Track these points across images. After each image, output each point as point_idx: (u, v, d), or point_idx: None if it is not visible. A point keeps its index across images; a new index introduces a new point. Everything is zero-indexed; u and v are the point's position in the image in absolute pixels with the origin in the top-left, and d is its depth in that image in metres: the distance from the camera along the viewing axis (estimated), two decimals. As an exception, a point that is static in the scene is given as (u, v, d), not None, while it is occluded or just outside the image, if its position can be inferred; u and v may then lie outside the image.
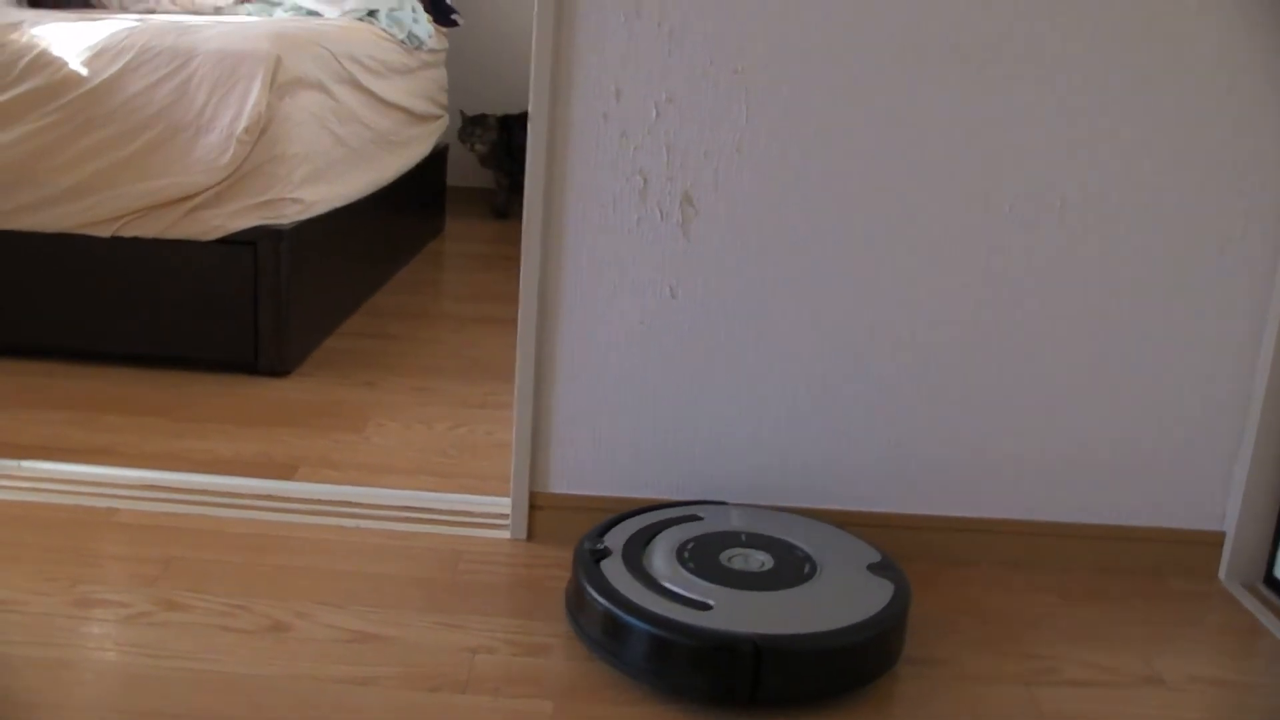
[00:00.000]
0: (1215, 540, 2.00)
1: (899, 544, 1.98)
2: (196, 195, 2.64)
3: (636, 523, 1.85)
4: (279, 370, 2.75)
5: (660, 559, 1.74)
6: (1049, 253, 1.86)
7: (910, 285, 1.88)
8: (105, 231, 2.69)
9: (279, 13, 3.48)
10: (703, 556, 1.74)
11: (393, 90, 3.39)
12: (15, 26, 2.70)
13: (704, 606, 1.61)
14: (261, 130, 2.60)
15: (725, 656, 1.54)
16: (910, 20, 1.76)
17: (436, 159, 4.11)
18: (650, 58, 1.79)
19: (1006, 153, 1.82)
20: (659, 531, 1.82)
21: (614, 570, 1.70)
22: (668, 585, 1.66)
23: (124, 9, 3.58)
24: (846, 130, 1.81)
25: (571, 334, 1.91)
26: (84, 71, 2.63)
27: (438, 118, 4.02)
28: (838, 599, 1.67)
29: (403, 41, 3.53)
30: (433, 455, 2.34)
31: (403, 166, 3.54)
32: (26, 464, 2.21)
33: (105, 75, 2.63)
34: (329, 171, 2.89)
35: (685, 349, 1.92)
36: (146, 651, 1.64)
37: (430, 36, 3.76)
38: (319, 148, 2.82)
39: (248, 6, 3.51)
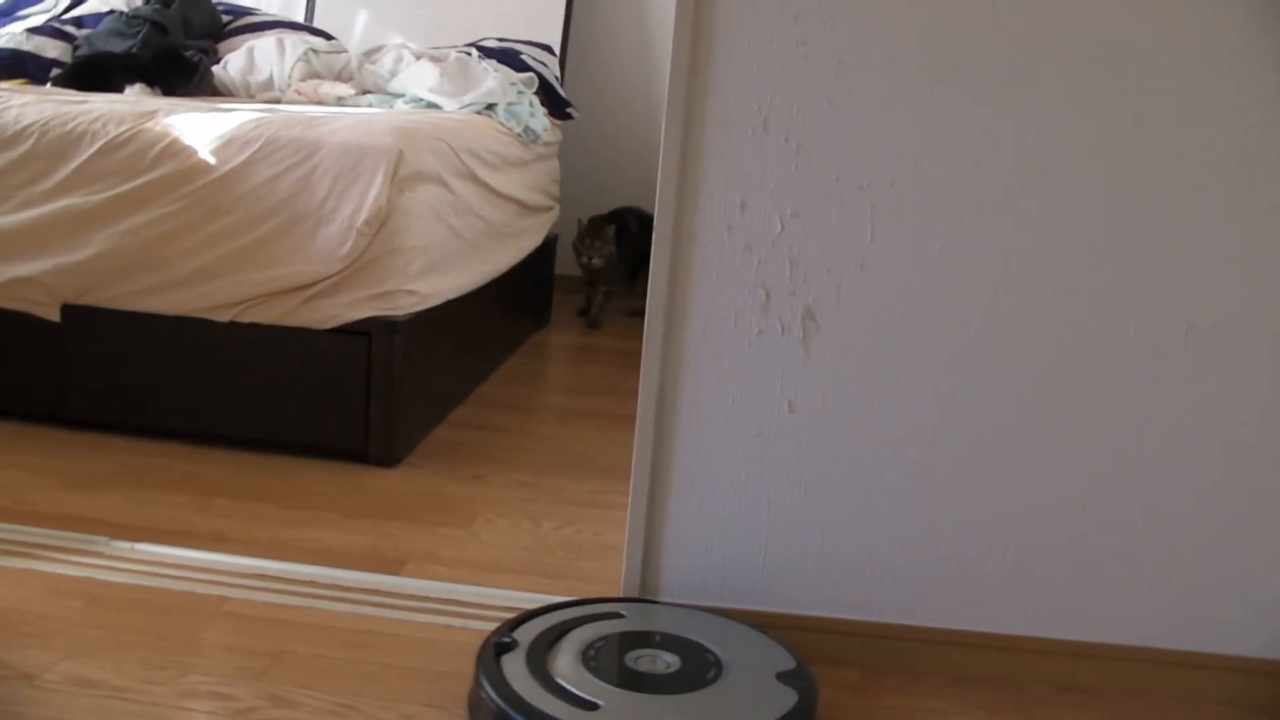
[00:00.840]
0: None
1: (1009, 666, 1.95)
2: (315, 284, 2.68)
3: (555, 618, 1.86)
4: (388, 461, 2.77)
5: (565, 656, 1.75)
6: (1175, 380, 1.83)
7: (1033, 408, 1.85)
8: (224, 316, 2.73)
9: (399, 104, 3.53)
10: (608, 656, 1.76)
11: (507, 183, 3.43)
12: (150, 115, 2.77)
13: (591, 706, 1.62)
14: (381, 223, 2.64)
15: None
16: (1039, 142, 1.75)
17: (545, 248, 4.14)
18: (776, 172, 1.79)
19: (1135, 276, 1.79)
20: (574, 628, 1.83)
21: (513, 666, 1.71)
22: (562, 683, 1.67)
23: (251, 98, 3.66)
24: (971, 251, 1.80)
25: (688, 444, 1.91)
26: (212, 160, 2.69)
27: (549, 209, 4.06)
28: (732, 706, 1.67)
29: (519, 135, 3.58)
30: (540, 554, 2.33)
31: (514, 258, 3.57)
32: (140, 546, 2.24)
33: (232, 164, 2.69)
34: (444, 263, 2.92)
35: (802, 463, 1.90)
36: (255, 749, 1.65)
37: (546, 130, 3.80)
38: (436, 240, 2.85)
39: (369, 98, 3.57)
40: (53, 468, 2.62)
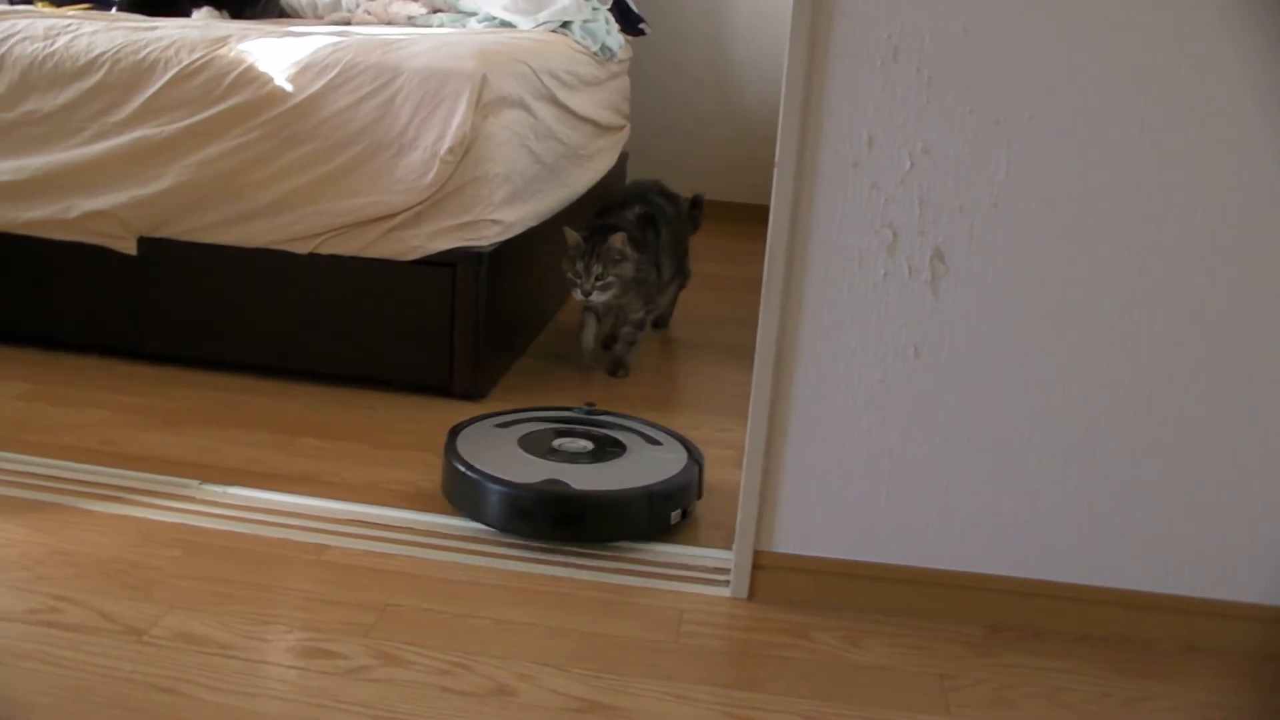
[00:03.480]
0: None
1: (1136, 624, 1.88)
2: (396, 215, 2.60)
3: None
4: (473, 395, 2.70)
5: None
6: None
7: (1171, 357, 1.76)
8: (304, 248, 2.66)
9: (472, 23, 3.43)
10: (540, 440, 2.27)
11: (584, 103, 3.33)
12: (223, 41, 2.69)
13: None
14: (465, 150, 2.55)
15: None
16: (1190, 74, 1.64)
17: (617, 168, 4.03)
18: (906, 105, 1.69)
19: (1285, 216, 1.70)
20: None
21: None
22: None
23: (319, 19, 3.57)
24: (1110, 190, 1.70)
25: (807, 390, 1.83)
26: (288, 87, 2.61)
27: (621, 128, 3.95)
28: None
29: (595, 54, 3.47)
30: (640, 497, 2.27)
31: (590, 180, 3.47)
32: (232, 490, 2.19)
33: (309, 91, 2.61)
34: (526, 190, 2.83)
35: (926, 412, 1.82)
36: (373, 712, 1.60)
37: (621, 47, 3.69)
38: (518, 167, 2.76)
39: (440, 16, 3.47)
40: (135, 405, 2.57)
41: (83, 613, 1.79)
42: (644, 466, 2.17)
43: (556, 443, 2.25)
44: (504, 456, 2.17)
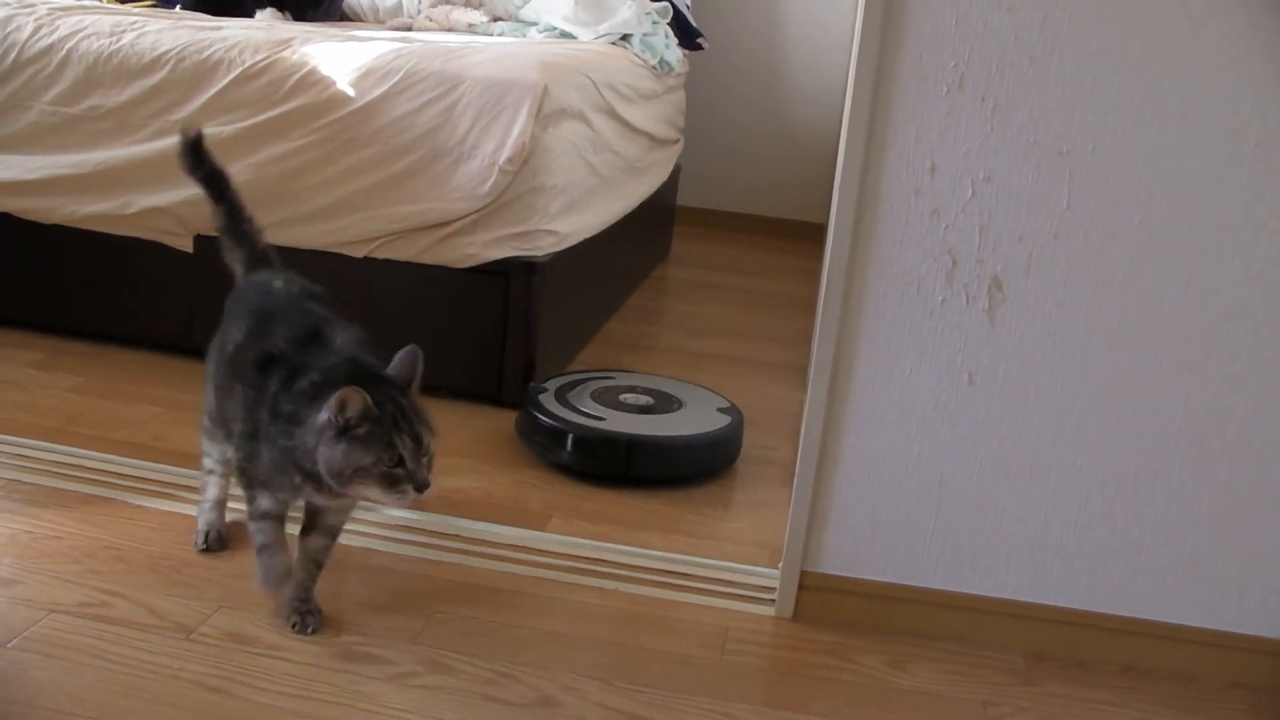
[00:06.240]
0: None
1: (1180, 658, 1.87)
2: (453, 222, 2.62)
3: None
4: (522, 404, 2.70)
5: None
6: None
7: (1227, 393, 1.75)
8: (359, 252, 2.68)
9: (533, 32, 3.45)
10: (607, 396, 2.58)
11: (640, 116, 3.34)
12: (287, 44, 2.71)
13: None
14: (524, 161, 2.56)
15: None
16: (1255, 111, 1.64)
17: (670, 180, 4.04)
18: (970, 133, 1.69)
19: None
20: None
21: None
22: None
23: (380, 23, 3.59)
24: (1173, 225, 1.69)
25: (860, 413, 1.83)
26: (350, 92, 2.63)
27: (675, 141, 3.96)
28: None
29: (654, 67, 3.48)
30: (685, 511, 2.27)
31: (644, 193, 3.48)
32: (281, 491, 2.20)
33: (371, 97, 2.62)
34: (582, 202, 2.85)
35: (978, 438, 1.82)
36: (418, 718, 1.61)
37: (679, 61, 3.70)
38: (575, 178, 2.77)
39: (501, 25, 3.49)
40: (187, 402, 2.58)
41: (132, 608, 1.81)
42: (706, 412, 2.57)
43: (623, 398, 2.58)
44: (613, 419, 2.46)
